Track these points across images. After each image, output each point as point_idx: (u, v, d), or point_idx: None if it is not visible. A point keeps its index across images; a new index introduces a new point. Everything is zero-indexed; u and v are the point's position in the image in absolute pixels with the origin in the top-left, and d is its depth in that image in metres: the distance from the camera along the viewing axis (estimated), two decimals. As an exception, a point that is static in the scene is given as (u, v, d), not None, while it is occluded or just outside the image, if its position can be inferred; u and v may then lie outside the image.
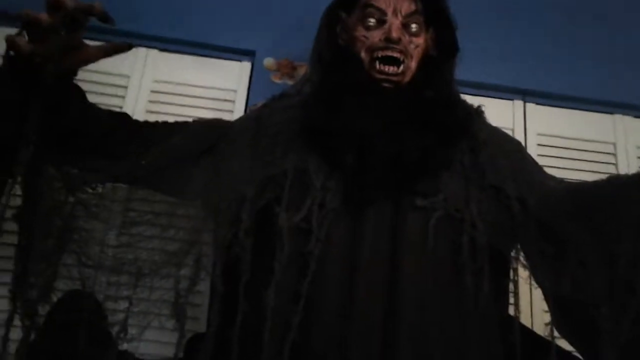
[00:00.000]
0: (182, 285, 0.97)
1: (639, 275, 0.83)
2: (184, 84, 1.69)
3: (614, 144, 1.79)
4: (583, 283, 0.89)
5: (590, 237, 0.90)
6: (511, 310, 0.98)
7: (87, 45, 0.91)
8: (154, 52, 1.71)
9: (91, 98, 1.01)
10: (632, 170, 1.69)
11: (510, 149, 1.09)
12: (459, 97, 1.13)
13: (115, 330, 0.97)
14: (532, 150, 1.69)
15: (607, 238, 0.88)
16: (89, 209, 1.01)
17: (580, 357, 0.96)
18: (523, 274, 1.00)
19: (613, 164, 1.76)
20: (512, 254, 1.00)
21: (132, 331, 0.98)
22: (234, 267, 0.92)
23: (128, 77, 1.66)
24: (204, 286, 1.00)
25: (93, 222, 1.01)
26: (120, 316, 0.98)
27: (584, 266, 0.89)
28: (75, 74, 0.95)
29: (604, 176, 0.98)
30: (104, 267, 1.00)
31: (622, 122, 1.82)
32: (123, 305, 0.98)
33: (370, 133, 0.95)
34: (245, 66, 1.75)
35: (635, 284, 0.82)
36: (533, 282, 0.99)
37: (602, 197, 0.93)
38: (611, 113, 1.83)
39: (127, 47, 0.92)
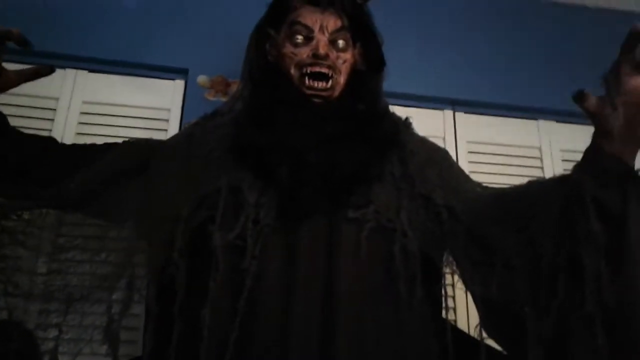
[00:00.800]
0: (115, 309, 0.96)
1: (560, 275, 0.86)
2: (116, 105, 1.66)
3: (539, 148, 1.86)
4: (509, 286, 0.92)
5: (514, 240, 0.93)
6: (451, 315, 1.00)
7: (7, 71, 0.89)
8: (83, 73, 1.68)
9: (18, 122, 0.99)
10: (557, 172, 1.76)
11: (437, 158, 1.12)
12: (388, 109, 1.16)
13: (46, 359, 0.94)
14: (463, 157, 1.75)
15: (529, 240, 0.91)
16: (15, 236, 0.98)
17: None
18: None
19: (539, 167, 1.83)
20: (444, 260, 1.04)
21: (63, 359, 0.95)
22: (169, 288, 0.91)
23: (57, 99, 1.62)
24: (140, 309, 0.99)
25: (20, 249, 0.98)
26: (51, 345, 0.95)
27: (509, 269, 0.92)
28: (-5, 100, 0.93)
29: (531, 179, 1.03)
30: (34, 295, 0.97)
31: (545, 127, 1.90)
32: (53, 333, 0.96)
33: (302, 147, 0.96)
34: (179, 84, 1.74)
35: (556, 283, 0.86)
36: (467, 286, 1.02)
37: (522, 200, 0.97)
38: (535, 119, 1.91)
39: (49, 71, 0.90)
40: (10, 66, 0.94)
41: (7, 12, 1.58)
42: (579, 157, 0.90)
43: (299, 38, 1.08)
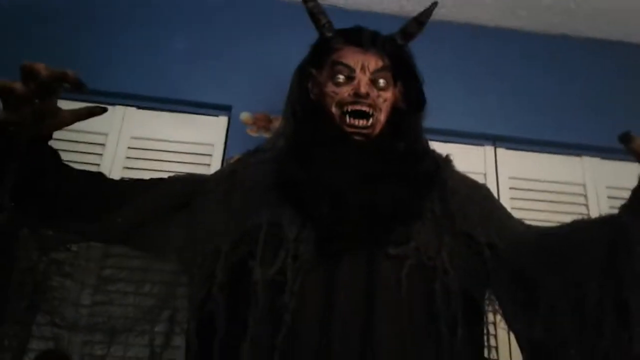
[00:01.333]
0: (157, 341, 0.97)
1: (606, 315, 0.84)
2: (161, 140, 1.71)
3: (584, 185, 1.82)
4: (553, 326, 0.90)
5: (558, 280, 0.91)
6: (493, 354, 0.98)
7: (62, 110, 0.92)
8: (131, 110, 1.74)
9: (68, 156, 1.03)
10: (603, 209, 1.73)
11: (479, 195, 1.12)
12: (428, 147, 1.16)
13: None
14: (505, 194, 1.73)
15: (574, 280, 0.89)
16: (62, 268, 1.01)
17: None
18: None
19: (584, 204, 1.79)
20: (486, 298, 1.02)
21: (107, 390, 0.97)
22: (209, 322, 0.92)
23: (105, 134, 1.68)
24: (180, 341, 1.00)
25: (67, 281, 1.01)
26: (95, 376, 0.97)
27: (553, 310, 0.90)
28: (50, 137, 0.96)
29: (575, 217, 1.01)
30: (78, 326, 0.99)
31: (590, 164, 1.86)
32: (98, 364, 0.98)
33: (343, 184, 0.97)
34: (222, 120, 1.77)
35: (602, 324, 0.84)
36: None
37: (567, 240, 0.95)
38: (579, 155, 1.88)
39: (100, 111, 0.93)
40: (62, 102, 0.98)
41: (57, 50, 1.65)
42: (624, 194, 0.89)
43: (341, 77, 1.10)
